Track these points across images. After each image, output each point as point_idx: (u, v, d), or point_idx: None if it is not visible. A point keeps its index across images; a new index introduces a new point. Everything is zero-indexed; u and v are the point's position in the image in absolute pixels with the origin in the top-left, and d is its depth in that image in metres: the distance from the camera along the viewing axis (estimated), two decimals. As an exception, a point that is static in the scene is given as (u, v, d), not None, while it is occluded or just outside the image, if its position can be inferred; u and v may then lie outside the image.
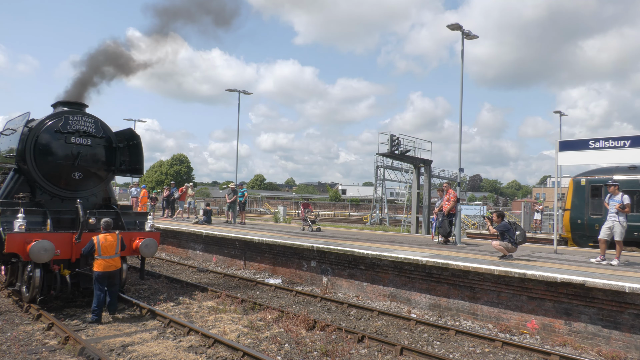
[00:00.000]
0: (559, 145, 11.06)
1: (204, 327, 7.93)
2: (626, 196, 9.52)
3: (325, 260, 11.76)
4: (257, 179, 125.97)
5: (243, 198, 20.99)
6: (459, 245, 12.89)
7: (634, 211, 13.08)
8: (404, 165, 35.92)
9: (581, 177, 15.05)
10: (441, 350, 7.35)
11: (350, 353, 6.94)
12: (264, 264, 13.74)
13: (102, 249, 8.09)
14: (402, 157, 22.54)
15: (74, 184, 9.61)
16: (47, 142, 9.22)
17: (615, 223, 9.46)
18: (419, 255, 10.10)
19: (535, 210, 28.04)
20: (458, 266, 9.00)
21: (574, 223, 14.97)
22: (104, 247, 8.11)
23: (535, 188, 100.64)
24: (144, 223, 10.20)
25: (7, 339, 7.08)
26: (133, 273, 12.45)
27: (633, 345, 7.11)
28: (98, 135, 9.90)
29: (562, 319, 7.82)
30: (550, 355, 6.96)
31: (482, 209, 35.13)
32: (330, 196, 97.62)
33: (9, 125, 10.28)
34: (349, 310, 9.58)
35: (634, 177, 13.83)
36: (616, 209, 9.45)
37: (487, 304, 8.75)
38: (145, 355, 6.51)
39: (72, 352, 6.58)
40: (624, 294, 7.13)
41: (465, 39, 17.85)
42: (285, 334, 7.66)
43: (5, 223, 8.21)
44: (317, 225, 17.82)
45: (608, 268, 9.01)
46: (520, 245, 10.27)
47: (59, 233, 8.52)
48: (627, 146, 9.94)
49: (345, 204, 69.35)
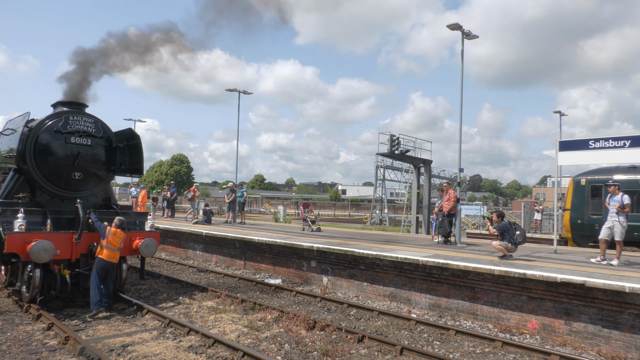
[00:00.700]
0: (559, 145, 11.06)
1: (204, 327, 7.93)
2: (626, 196, 9.52)
3: (325, 260, 11.75)
4: (257, 179, 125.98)
5: (242, 198, 20.99)
6: (459, 245, 12.89)
7: (634, 211, 13.09)
8: (404, 165, 35.92)
9: (581, 177, 15.06)
10: (441, 350, 7.35)
11: (350, 353, 6.94)
12: (264, 264, 13.73)
13: (110, 239, 8.55)
14: (402, 157, 22.54)
15: (74, 184, 9.60)
16: (47, 142, 9.21)
17: (615, 223, 9.46)
18: (419, 255, 10.10)
19: (536, 210, 28.06)
20: (458, 266, 9.00)
21: (574, 223, 14.98)
22: (112, 239, 8.59)
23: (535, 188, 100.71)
24: (144, 223, 10.20)
25: (7, 339, 7.08)
26: (133, 273, 12.45)
27: (633, 345, 7.11)
28: (98, 135, 9.89)
29: (562, 319, 7.82)
30: (550, 355, 6.96)
31: (482, 209, 35.15)
32: (330, 196, 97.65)
33: (9, 125, 10.27)
34: (349, 310, 9.58)
35: (634, 177, 13.84)
36: (616, 209, 9.45)
37: (487, 304, 8.75)
38: (145, 355, 6.51)
39: (72, 352, 6.57)
40: (624, 294, 7.13)
41: (465, 39, 17.87)
42: (285, 334, 7.66)
43: (5, 223, 8.20)
44: (317, 225, 17.83)
45: (608, 268, 9.01)
46: (520, 245, 10.28)
47: (59, 233, 8.52)
48: (627, 146, 9.95)
49: (345, 204, 69.37)
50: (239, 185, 22.05)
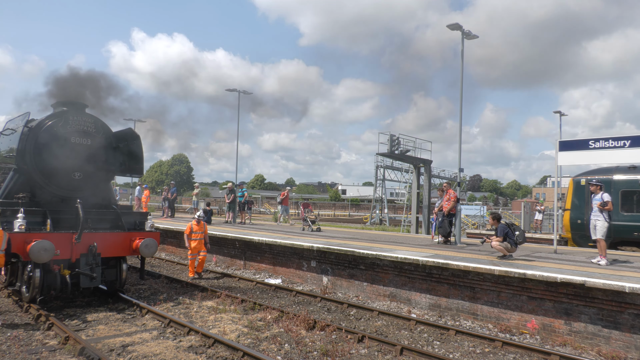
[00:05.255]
0: (559, 145, 11.06)
1: (204, 327, 7.93)
2: (606, 194, 9.72)
3: (325, 260, 11.75)
4: (257, 179, 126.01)
5: (243, 198, 20.98)
6: (459, 245, 12.89)
7: (634, 211, 13.08)
8: (404, 165, 35.92)
9: (581, 177, 15.04)
10: (441, 350, 7.35)
11: (350, 353, 6.94)
12: (264, 264, 13.73)
13: None
14: (402, 157, 22.56)
15: (73, 184, 9.60)
16: (47, 142, 9.20)
17: (597, 222, 9.60)
18: (419, 255, 10.09)
19: (537, 211, 28.04)
20: (458, 266, 9.00)
21: (574, 223, 14.96)
22: None
23: (535, 188, 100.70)
24: (144, 223, 10.20)
25: (7, 339, 7.08)
26: (133, 273, 12.45)
27: (633, 345, 7.11)
28: (98, 135, 9.89)
29: (562, 319, 7.82)
30: (550, 355, 6.96)
31: (482, 209, 35.11)
32: (330, 196, 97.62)
33: (9, 125, 10.27)
34: (349, 310, 9.58)
35: (634, 177, 13.82)
36: (598, 207, 9.58)
37: (487, 304, 8.74)
38: (145, 355, 6.51)
39: (72, 352, 6.57)
40: (624, 294, 7.13)
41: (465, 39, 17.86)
42: (285, 334, 7.66)
43: (5, 223, 8.20)
44: (317, 225, 17.83)
45: (608, 268, 9.01)
46: (520, 245, 10.28)
47: (58, 233, 8.51)
48: (627, 146, 9.96)
49: (345, 204, 69.33)
50: (239, 185, 22.05)
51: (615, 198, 12.30)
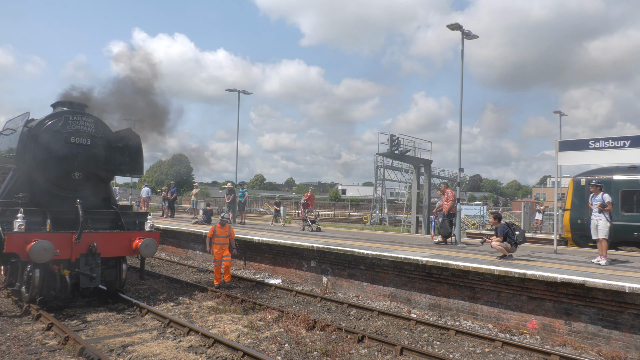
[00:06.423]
0: (559, 146, 11.06)
1: (204, 327, 7.92)
2: (606, 195, 9.69)
3: (325, 260, 11.75)
4: (257, 179, 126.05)
5: (243, 198, 20.98)
6: (459, 245, 12.89)
7: (634, 211, 13.08)
8: (404, 165, 35.93)
9: (581, 177, 15.04)
10: (441, 350, 7.34)
11: (350, 353, 6.93)
12: (264, 264, 13.73)
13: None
14: (402, 157, 22.57)
15: (73, 184, 9.59)
16: (47, 142, 9.19)
17: (599, 221, 9.59)
18: (419, 255, 10.09)
19: (537, 211, 28.02)
20: (458, 266, 9.00)
21: (574, 223, 14.95)
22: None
23: (535, 188, 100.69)
24: (143, 223, 10.19)
25: (6, 339, 7.07)
26: (133, 273, 12.45)
27: (633, 345, 7.10)
28: (98, 135, 9.88)
29: (562, 319, 7.82)
30: (550, 355, 6.96)
31: (482, 209, 35.10)
32: (330, 196, 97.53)
33: (8, 125, 10.26)
34: (349, 310, 9.58)
35: (634, 177, 13.82)
36: (598, 208, 9.57)
37: (487, 304, 8.74)
38: (145, 355, 6.50)
39: (72, 352, 6.57)
40: (624, 294, 7.12)
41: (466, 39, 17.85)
42: (285, 334, 7.66)
43: (5, 223, 8.19)
44: (317, 225, 17.82)
45: (608, 268, 9.01)
46: (520, 245, 10.27)
47: (58, 233, 8.50)
48: (627, 146, 9.96)
49: (345, 204, 69.30)
50: (240, 185, 22.05)
51: (615, 198, 12.29)
